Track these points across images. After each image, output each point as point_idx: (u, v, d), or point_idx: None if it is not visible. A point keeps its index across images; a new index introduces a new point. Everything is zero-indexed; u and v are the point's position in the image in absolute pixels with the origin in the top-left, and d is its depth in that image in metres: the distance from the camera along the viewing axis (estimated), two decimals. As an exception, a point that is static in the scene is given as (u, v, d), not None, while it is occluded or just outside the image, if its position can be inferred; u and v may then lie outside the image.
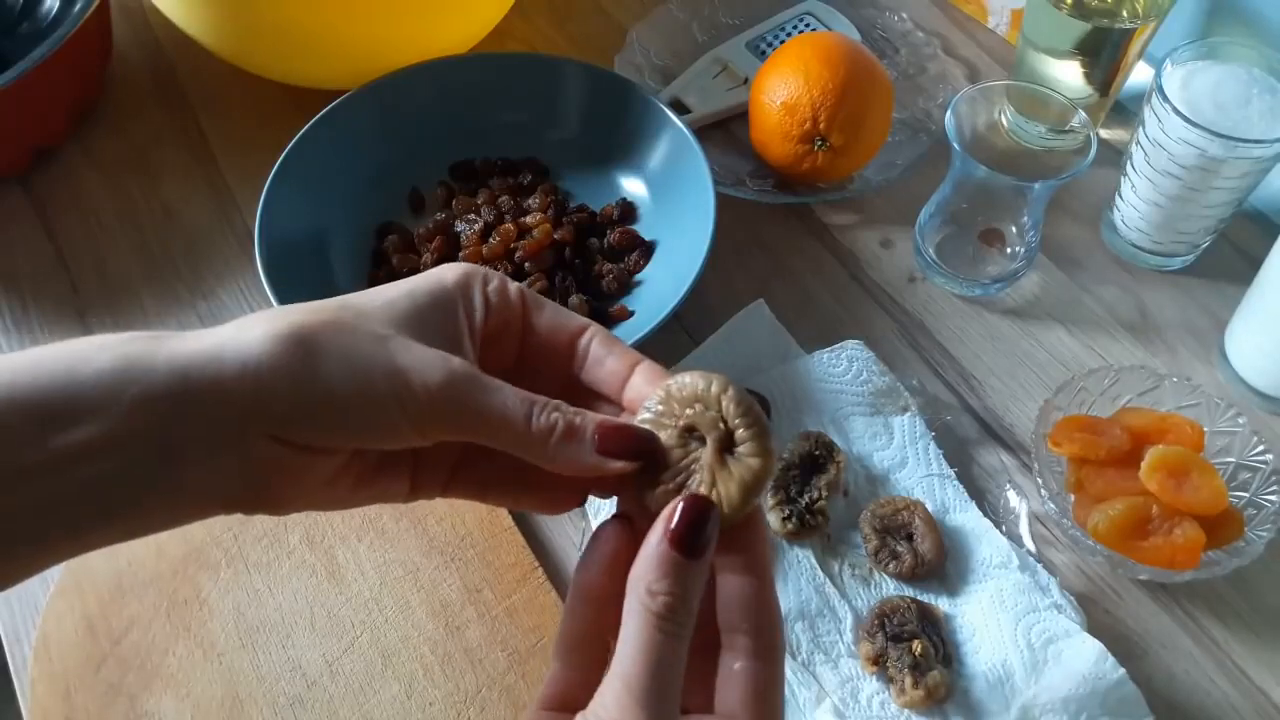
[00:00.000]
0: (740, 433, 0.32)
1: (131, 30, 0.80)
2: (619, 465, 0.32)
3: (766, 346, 0.60)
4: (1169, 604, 0.53)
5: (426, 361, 0.32)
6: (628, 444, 0.32)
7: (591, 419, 0.33)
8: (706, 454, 0.32)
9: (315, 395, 0.30)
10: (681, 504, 0.31)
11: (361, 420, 0.31)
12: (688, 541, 0.30)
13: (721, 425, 0.32)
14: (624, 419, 0.34)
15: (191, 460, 0.30)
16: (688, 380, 0.33)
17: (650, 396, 0.33)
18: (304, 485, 0.32)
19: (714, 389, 0.32)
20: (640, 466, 0.32)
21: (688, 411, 0.32)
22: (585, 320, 0.36)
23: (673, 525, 0.31)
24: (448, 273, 0.35)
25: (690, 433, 0.32)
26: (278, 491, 0.32)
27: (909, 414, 0.57)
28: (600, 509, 0.53)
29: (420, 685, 0.50)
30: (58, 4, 0.74)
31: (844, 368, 0.58)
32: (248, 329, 0.31)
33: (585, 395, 0.36)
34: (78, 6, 0.68)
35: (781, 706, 0.32)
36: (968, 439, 0.58)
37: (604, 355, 0.35)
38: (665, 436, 0.32)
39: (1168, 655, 0.51)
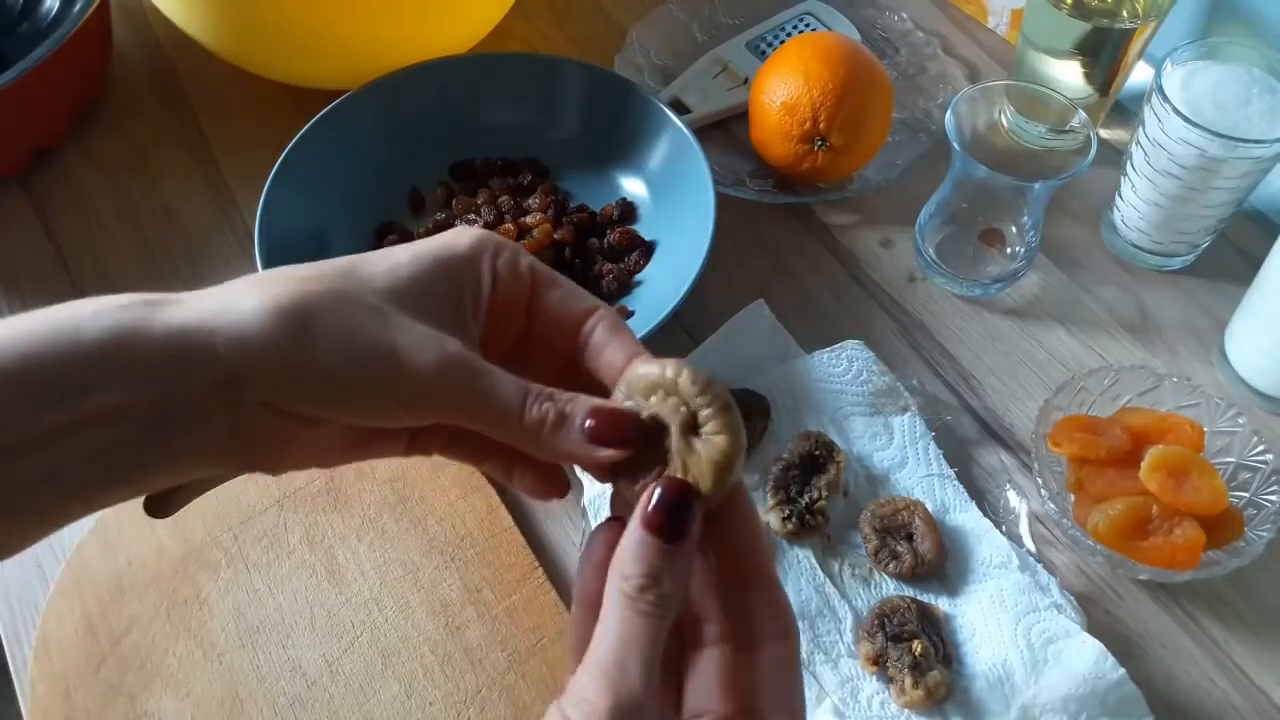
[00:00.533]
0: (703, 413, 0.31)
1: (131, 30, 0.80)
2: (609, 453, 0.31)
3: (766, 346, 0.60)
4: (1169, 604, 0.53)
5: (420, 344, 0.31)
6: (617, 431, 0.31)
7: (583, 405, 0.32)
8: (672, 439, 0.31)
9: (307, 373, 0.30)
10: (657, 488, 0.30)
11: (352, 399, 0.31)
12: (666, 526, 0.29)
13: (683, 409, 0.31)
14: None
15: (187, 427, 0.30)
16: (643, 370, 0.32)
17: (615, 392, 0.33)
18: (298, 448, 0.32)
19: (669, 373, 0.31)
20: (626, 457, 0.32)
21: (650, 401, 0.31)
22: (594, 303, 0.35)
23: (649, 510, 0.30)
24: (461, 238, 0.34)
25: (657, 423, 0.31)
26: (273, 453, 0.32)
27: (909, 414, 0.57)
28: (600, 510, 0.53)
29: (420, 685, 0.50)
30: (58, 4, 0.74)
31: (844, 368, 0.58)
32: (242, 297, 0.30)
33: (586, 378, 0.35)
34: (78, 6, 0.68)
35: (786, 695, 0.31)
36: (968, 439, 0.58)
37: (603, 344, 0.34)
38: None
39: (1168, 655, 0.51)
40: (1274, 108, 0.57)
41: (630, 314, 0.61)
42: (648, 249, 0.65)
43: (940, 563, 0.52)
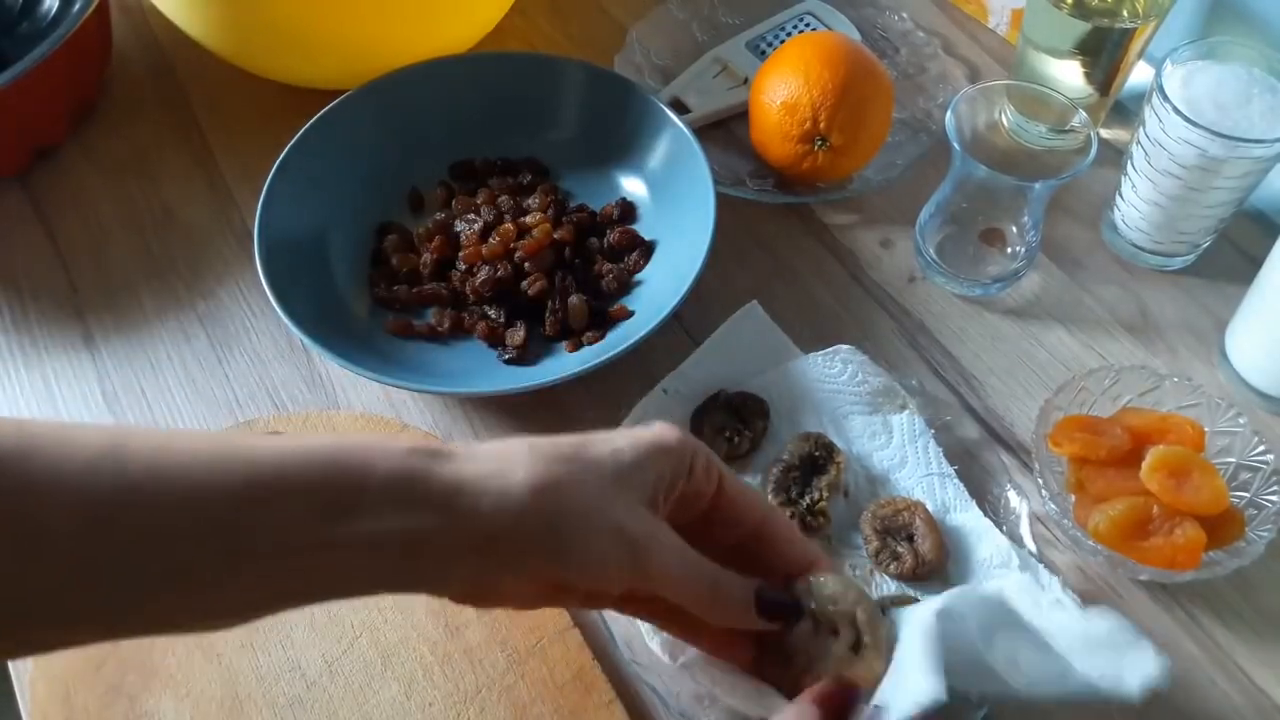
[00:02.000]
0: (866, 639, 0.40)
1: (131, 30, 0.80)
2: (767, 625, 0.41)
3: (762, 348, 0.60)
4: (1170, 604, 0.53)
5: (646, 531, 0.37)
6: (779, 610, 0.41)
7: (752, 587, 0.40)
8: (840, 647, 0.40)
9: (553, 549, 0.36)
10: (832, 684, 0.40)
11: (583, 572, 0.37)
12: (835, 711, 0.39)
13: (853, 630, 0.41)
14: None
15: (439, 566, 0.36)
16: (831, 587, 0.41)
17: (795, 584, 0.42)
18: (505, 595, 0.38)
19: (851, 596, 0.41)
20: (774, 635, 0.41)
21: (829, 608, 0.41)
22: (770, 506, 0.44)
23: (824, 694, 0.39)
24: (669, 434, 0.40)
25: (817, 625, 0.41)
26: (489, 600, 0.38)
27: (907, 412, 0.57)
28: None
29: (420, 685, 0.50)
30: (57, 4, 0.74)
31: (839, 369, 0.58)
32: (512, 468, 0.36)
33: (749, 559, 0.42)
34: (77, 6, 0.68)
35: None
36: (967, 439, 0.58)
37: (791, 541, 0.43)
38: (802, 624, 0.41)
39: (1168, 655, 0.51)
40: (1274, 107, 0.57)
41: (630, 314, 0.61)
42: (648, 249, 0.64)
43: (941, 563, 0.51)
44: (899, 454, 0.56)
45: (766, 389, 0.58)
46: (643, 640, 0.48)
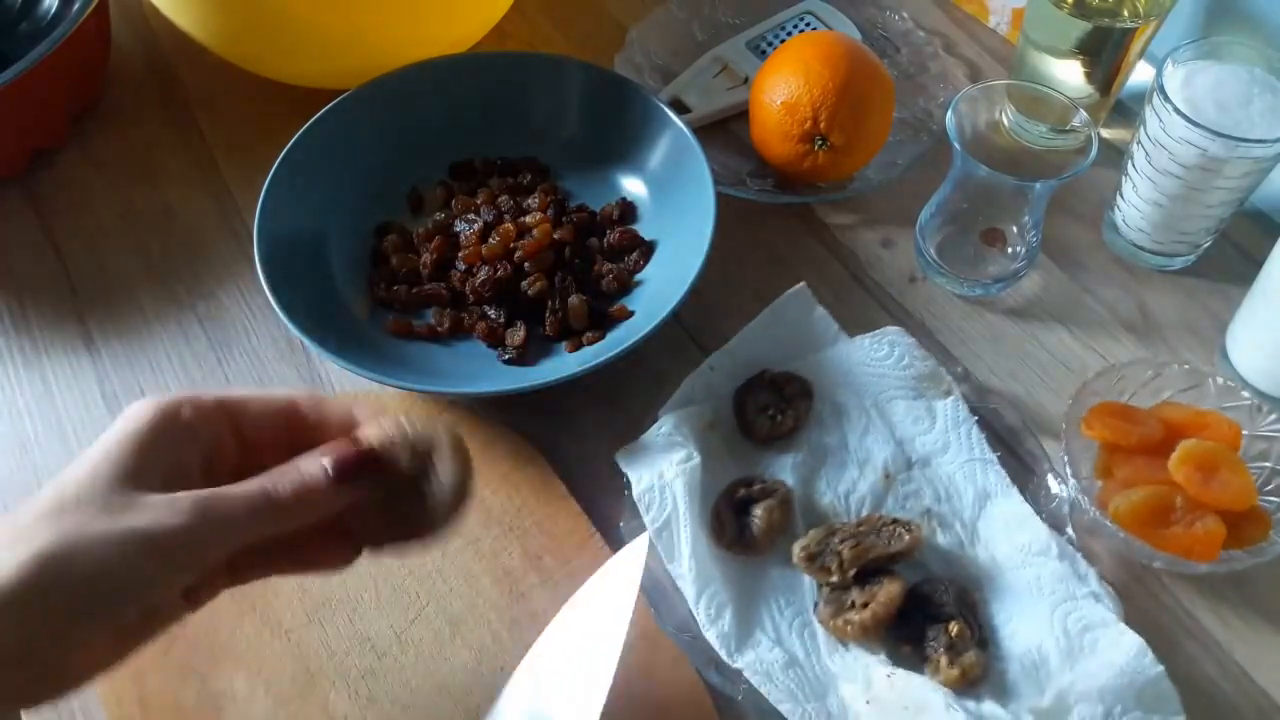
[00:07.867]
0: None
1: (131, 30, 0.80)
2: (354, 489, 0.39)
3: (809, 330, 0.60)
4: (1172, 605, 0.52)
5: (158, 511, 0.34)
6: (357, 463, 0.39)
7: (322, 459, 0.38)
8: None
9: (68, 619, 0.33)
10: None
11: (124, 595, 0.34)
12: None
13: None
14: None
15: None
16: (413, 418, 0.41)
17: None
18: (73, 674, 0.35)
19: (441, 422, 0.41)
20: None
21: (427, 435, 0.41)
22: (289, 391, 0.41)
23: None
24: (141, 411, 0.37)
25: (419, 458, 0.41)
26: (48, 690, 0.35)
27: (951, 398, 0.57)
28: (651, 504, 0.52)
29: (490, 651, 0.50)
30: (56, 3, 0.74)
31: (885, 352, 0.58)
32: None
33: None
34: (76, 6, 0.68)
35: None
36: (1010, 426, 0.57)
37: (329, 413, 0.41)
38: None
39: (1169, 656, 0.51)
40: (1275, 107, 0.57)
41: (630, 314, 0.61)
42: (648, 249, 0.64)
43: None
44: (941, 439, 0.56)
45: (812, 370, 0.58)
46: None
